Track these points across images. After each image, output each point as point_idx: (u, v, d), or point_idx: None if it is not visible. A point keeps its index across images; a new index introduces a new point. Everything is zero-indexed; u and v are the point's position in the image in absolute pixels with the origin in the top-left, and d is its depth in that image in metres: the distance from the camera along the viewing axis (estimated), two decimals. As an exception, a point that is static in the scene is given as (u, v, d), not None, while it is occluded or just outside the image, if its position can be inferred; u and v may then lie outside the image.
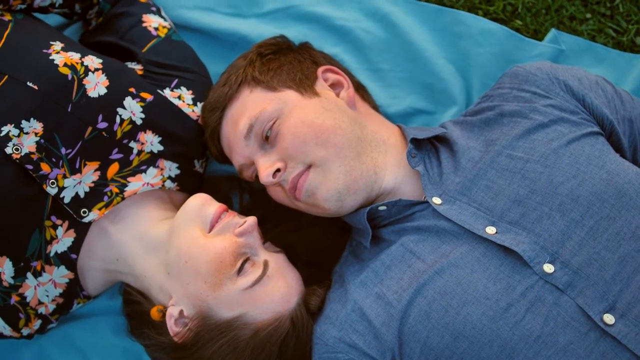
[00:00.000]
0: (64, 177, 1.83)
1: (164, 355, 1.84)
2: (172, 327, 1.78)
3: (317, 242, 2.08)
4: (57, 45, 1.94)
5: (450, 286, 1.62)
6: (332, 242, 2.09)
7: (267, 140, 1.83)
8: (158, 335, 1.82)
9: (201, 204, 1.82)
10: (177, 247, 1.77)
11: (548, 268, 1.57)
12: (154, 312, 1.81)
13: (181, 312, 1.78)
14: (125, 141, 1.91)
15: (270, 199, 1.97)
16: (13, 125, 1.78)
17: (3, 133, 1.77)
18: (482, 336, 1.54)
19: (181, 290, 1.78)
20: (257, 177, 1.94)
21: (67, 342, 2.19)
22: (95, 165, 1.89)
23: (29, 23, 2.03)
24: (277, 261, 1.84)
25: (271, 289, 1.78)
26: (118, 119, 1.89)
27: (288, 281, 1.82)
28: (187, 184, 2.05)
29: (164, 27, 2.18)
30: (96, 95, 1.87)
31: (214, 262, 1.73)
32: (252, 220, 1.81)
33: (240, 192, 2.19)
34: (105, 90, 1.88)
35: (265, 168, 1.80)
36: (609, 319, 1.52)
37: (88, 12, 2.25)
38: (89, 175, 1.88)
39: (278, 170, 1.80)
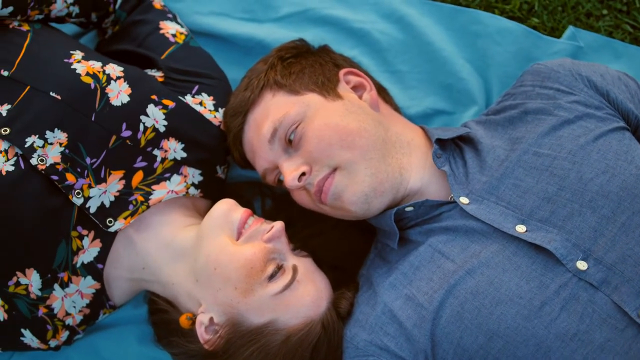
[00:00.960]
0: (90, 187, 1.83)
1: None
2: (203, 334, 1.77)
3: (341, 245, 2.07)
4: (78, 55, 1.93)
5: (482, 286, 1.61)
6: (356, 245, 2.08)
7: (291, 144, 1.82)
8: (188, 343, 1.81)
9: (227, 209, 1.82)
10: (205, 254, 1.77)
11: (581, 265, 1.56)
12: (184, 320, 1.80)
13: (211, 319, 1.77)
14: (149, 149, 1.91)
15: (293, 203, 1.96)
16: (37, 136, 1.77)
17: (27, 144, 1.76)
18: (517, 335, 1.53)
19: (211, 297, 1.77)
20: (280, 181, 1.93)
21: (93, 352, 2.17)
22: (120, 174, 1.88)
23: (47, 33, 2.03)
24: (305, 265, 1.84)
25: (301, 293, 1.77)
26: (142, 127, 1.89)
27: (317, 285, 1.82)
28: (210, 191, 2.04)
29: (181, 33, 2.18)
30: (119, 104, 1.87)
31: (244, 268, 1.73)
32: (279, 225, 1.81)
33: (262, 198, 2.19)
34: (128, 98, 1.88)
35: (291, 172, 1.80)
36: None
37: (104, 21, 2.26)
38: (114, 184, 1.87)
39: (303, 174, 1.79)
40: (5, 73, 1.84)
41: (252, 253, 1.74)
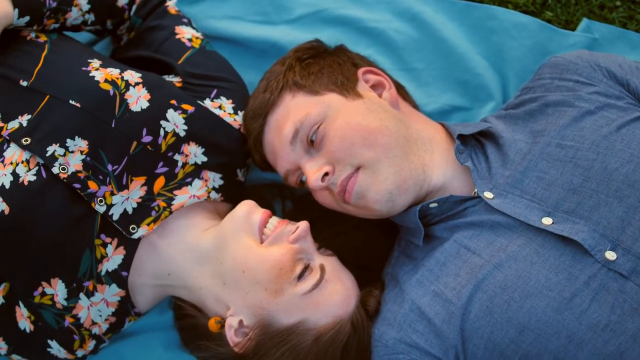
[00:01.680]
0: (112, 194, 1.83)
1: None
2: (232, 337, 1.77)
3: (363, 244, 2.08)
4: (96, 63, 1.94)
5: (511, 279, 1.61)
6: (379, 244, 2.09)
7: (313, 144, 1.83)
8: (217, 347, 1.81)
9: (247, 211, 1.82)
10: (232, 258, 1.77)
11: (610, 255, 1.56)
12: (212, 324, 1.80)
13: (241, 321, 1.77)
14: (170, 154, 1.91)
15: (314, 204, 1.97)
16: (58, 144, 1.78)
17: (49, 153, 1.77)
18: (548, 328, 1.53)
19: (240, 299, 1.77)
20: (302, 182, 1.94)
21: (119, 360, 2.20)
22: (141, 180, 1.88)
23: (64, 43, 2.04)
24: (332, 264, 1.84)
25: (330, 292, 1.77)
26: (162, 132, 1.89)
27: (345, 284, 1.82)
28: (231, 194, 2.04)
29: (197, 38, 2.19)
30: (139, 109, 1.87)
31: (274, 269, 1.73)
32: (304, 225, 1.81)
33: (283, 200, 2.19)
34: (147, 104, 1.88)
35: (314, 172, 1.80)
36: None
37: (119, 28, 2.26)
38: (136, 190, 1.87)
39: (326, 174, 1.79)
40: (25, 83, 1.85)
41: (281, 254, 1.74)
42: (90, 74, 1.88)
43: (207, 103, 2.02)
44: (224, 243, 1.80)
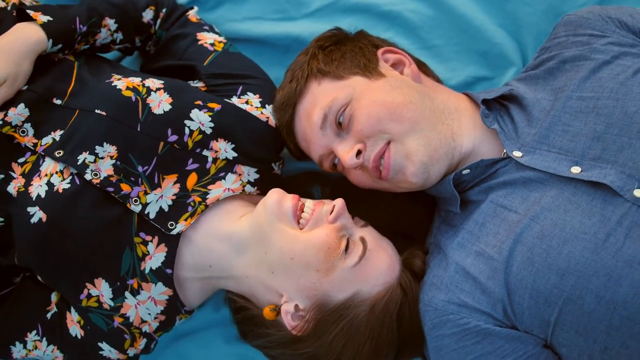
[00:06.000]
0: (145, 193, 1.89)
1: (285, 350, 1.87)
2: (290, 322, 1.80)
3: (398, 213, 2.13)
4: (118, 74, 2.03)
5: (547, 229, 1.65)
6: (412, 213, 2.15)
7: (341, 126, 1.88)
8: (277, 332, 1.85)
9: (277, 200, 1.82)
10: (278, 247, 1.78)
11: (638, 193, 1.60)
12: (268, 313, 1.82)
13: (296, 306, 1.80)
14: (197, 150, 1.95)
15: (351, 187, 2.02)
16: (88, 152, 1.85)
17: (80, 161, 1.85)
18: (587, 269, 1.57)
19: (292, 285, 1.80)
20: (334, 165, 1.99)
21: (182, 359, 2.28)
22: (173, 178, 1.94)
23: (91, 60, 2.13)
24: (371, 234, 1.88)
25: (376, 261, 1.81)
26: (187, 131, 1.94)
27: (387, 250, 1.87)
28: (267, 188, 2.01)
29: (219, 42, 2.24)
30: (161, 112, 1.93)
31: (322, 250, 1.75)
32: (340, 202, 1.84)
33: (321, 186, 2.22)
34: (169, 107, 1.94)
35: (347, 152, 1.85)
36: None
37: (147, 44, 2.34)
38: (169, 188, 1.93)
39: (359, 152, 1.84)
40: (59, 102, 1.94)
41: (325, 234, 1.77)
42: (113, 84, 1.95)
43: (234, 100, 2.07)
44: (264, 234, 1.81)
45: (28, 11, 1.97)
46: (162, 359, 2.27)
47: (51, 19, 1.97)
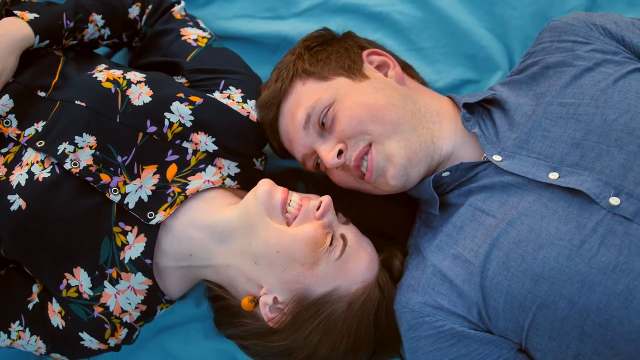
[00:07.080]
0: (125, 183, 1.90)
1: (259, 341, 1.87)
2: (268, 314, 1.82)
3: (379, 214, 2.13)
4: (101, 67, 2.05)
5: (524, 234, 1.66)
6: (394, 214, 2.15)
7: (324, 127, 1.89)
8: (253, 323, 1.86)
9: (268, 191, 1.83)
10: (263, 240, 1.80)
11: (614, 201, 1.61)
12: (246, 303, 1.83)
13: (275, 298, 1.81)
14: (177, 142, 1.97)
15: (335, 185, 2.02)
16: (67, 142, 1.87)
17: (59, 151, 1.86)
18: (561, 275, 1.58)
19: (274, 277, 1.81)
20: (318, 166, 2.01)
21: (163, 352, 2.30)
22: (152, 168, 1.95)
23: (82, 55, 2.16)
24: (352, 231, 1.90)
25: (356, 258, 1.83)
26: (167, 122, 1.95)
27: (367, 249, 1.89)
28: (248, 183, 2.01)
29: (203, 37, 2.24)
30: (141, 104, 1.94)
31: (309, 245, 1.77)
32: (327, 199, 1.85)
33: (305, 184, 2.21)
34: (149, 99, 1.95)
35: (328, 152, 1.87)
36: None
37: (134, 40, 2.35)
38: (149, 179, 1.93)
39: (340, 152, 1.85)
40: (42, 94, 1.97)
41: (313, 229, 1.78)
42: (94, 76, 1.97)
43: (217, 95, 2.07)
44: (251, 225, 1.82)
45: (15, 12, 1.99)
46: (144, 352, 2.29)
47: (38, 15, 1.99)
